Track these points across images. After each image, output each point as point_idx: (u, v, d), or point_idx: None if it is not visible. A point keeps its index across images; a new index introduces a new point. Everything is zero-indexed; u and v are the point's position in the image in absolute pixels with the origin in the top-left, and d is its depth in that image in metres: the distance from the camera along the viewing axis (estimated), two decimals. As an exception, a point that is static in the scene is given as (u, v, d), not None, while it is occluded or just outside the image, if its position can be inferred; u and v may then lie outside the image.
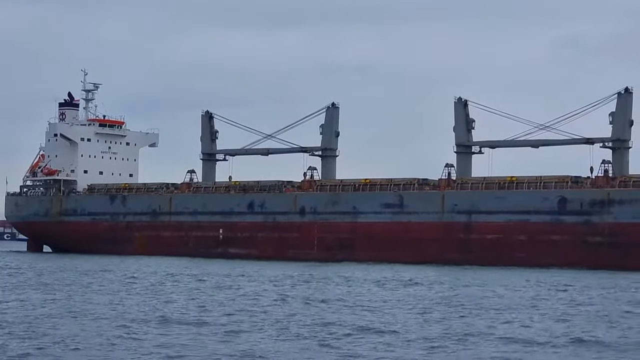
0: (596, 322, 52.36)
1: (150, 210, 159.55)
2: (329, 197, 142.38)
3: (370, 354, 39.65)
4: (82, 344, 41.74)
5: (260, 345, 41.75)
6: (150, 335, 44.73)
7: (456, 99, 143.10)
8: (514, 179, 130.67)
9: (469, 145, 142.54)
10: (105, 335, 44.17)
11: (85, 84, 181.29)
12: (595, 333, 46.88)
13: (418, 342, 43.22)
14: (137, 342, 42.40)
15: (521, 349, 41.35)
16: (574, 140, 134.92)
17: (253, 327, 47.84)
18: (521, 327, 49.59)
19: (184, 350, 39.99)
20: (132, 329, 46.91)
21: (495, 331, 47.30)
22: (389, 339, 43.88)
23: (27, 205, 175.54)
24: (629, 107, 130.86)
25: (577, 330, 48.15)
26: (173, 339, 43.47)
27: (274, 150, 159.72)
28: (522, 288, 79.66)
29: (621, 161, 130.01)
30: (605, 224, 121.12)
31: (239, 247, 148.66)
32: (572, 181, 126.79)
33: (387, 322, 50.75)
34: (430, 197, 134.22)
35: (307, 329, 47.04)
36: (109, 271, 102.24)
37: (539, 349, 41.42)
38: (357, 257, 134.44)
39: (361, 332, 46.52)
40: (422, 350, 40.74)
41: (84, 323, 49.40)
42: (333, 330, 46.88)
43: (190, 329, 47.12)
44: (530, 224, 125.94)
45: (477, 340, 43.86)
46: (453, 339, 43.93)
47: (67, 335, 44.46)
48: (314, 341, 43.00)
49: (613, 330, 48.41)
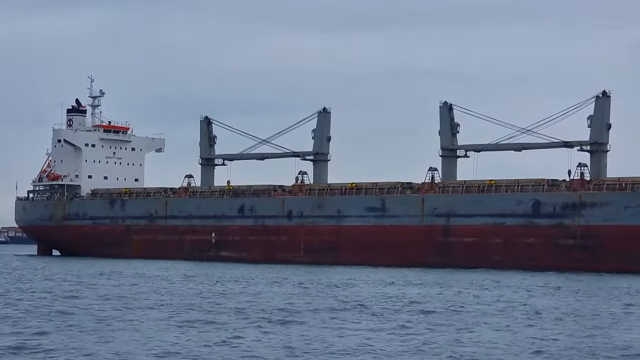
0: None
1: (147, 214, 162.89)
2: (315, 201, 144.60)
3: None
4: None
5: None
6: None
7: (441, 103, 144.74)
8: (492, 183, 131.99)
9: (454, 149, 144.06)
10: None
11: (91, 91, 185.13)
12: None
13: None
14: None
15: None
16: (553, 144, 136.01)
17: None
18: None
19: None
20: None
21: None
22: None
23: (33, 209, 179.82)
24: (607, 110, 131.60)
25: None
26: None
27: (267, 155, 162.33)
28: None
29: (599, 164, 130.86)
30: (577, 226, 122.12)
31: (230, 251, 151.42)
32: (549, 184, 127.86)
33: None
34: (411, 201, 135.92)
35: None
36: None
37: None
38: (342, 261, 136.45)
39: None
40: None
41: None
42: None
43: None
44: (505, 227, 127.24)
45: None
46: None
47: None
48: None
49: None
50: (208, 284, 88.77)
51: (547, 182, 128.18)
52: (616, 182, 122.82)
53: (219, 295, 72.52)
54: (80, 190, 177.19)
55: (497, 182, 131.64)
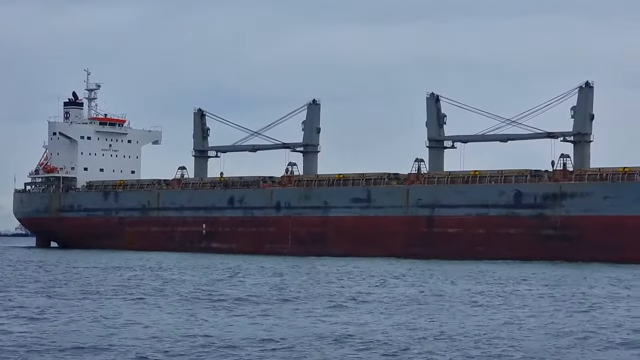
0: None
1: (140, 206, 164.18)
2: (303, 192, 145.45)
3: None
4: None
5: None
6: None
7: (428, 94, 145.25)
8: (477, 174, 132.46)
9: (441, 140, 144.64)
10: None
11: (88, 84, 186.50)
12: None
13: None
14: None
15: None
16: (537, 135, 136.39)
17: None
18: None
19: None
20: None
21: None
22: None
23: (30, 201, 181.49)
24: (590, 101, 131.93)
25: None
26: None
27: (259, 146, 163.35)
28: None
29: (582, 155, 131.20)
30: (557, 217, 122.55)
31: (220, 242, 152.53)
32: (532, 175, 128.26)
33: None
34: (396, 192, 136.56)
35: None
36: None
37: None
38: (328, 252, 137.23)
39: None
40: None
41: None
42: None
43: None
44: (488, 218, 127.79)
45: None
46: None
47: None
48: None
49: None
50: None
51: (530, 172, 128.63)
52: (597, 173, 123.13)
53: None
54: (76, 182, 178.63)
55: (481, 172, 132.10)
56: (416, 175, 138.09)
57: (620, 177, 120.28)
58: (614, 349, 40.43)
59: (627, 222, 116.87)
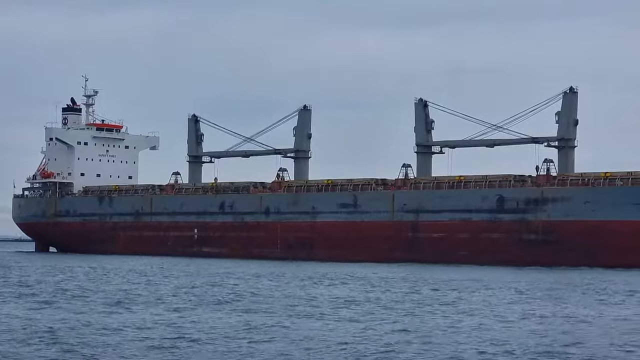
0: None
1: (133, 211, 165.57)
2: (291, 198, 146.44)
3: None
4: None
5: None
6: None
7: (417, 100, 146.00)
8: (462, 179, 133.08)
9: (429, 145, 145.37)
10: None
11: (86, 90, 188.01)
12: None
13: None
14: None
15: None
16: (522, 140, 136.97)
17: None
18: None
19: None
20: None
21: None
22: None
23: (27, 206, 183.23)
24: (574, 106, 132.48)
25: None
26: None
27: (251, 152, 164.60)
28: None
29: (566, 160, 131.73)
30: (539, 222, 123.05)
31: (211, 247, 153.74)
32: (515, 180, 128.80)
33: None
34: (382, 197, 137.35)
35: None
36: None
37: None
38: (316, 256, 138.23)
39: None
40: None
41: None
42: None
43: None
44: (471, 223, 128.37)
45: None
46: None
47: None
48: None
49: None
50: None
51: (514, 177, 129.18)
52: (579, 178, 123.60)
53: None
54: (73, 187, 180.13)
55: (466, 178, 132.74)
56: (403, 181, 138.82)
57: (602, 182, 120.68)
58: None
59: (607, 227, 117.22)
